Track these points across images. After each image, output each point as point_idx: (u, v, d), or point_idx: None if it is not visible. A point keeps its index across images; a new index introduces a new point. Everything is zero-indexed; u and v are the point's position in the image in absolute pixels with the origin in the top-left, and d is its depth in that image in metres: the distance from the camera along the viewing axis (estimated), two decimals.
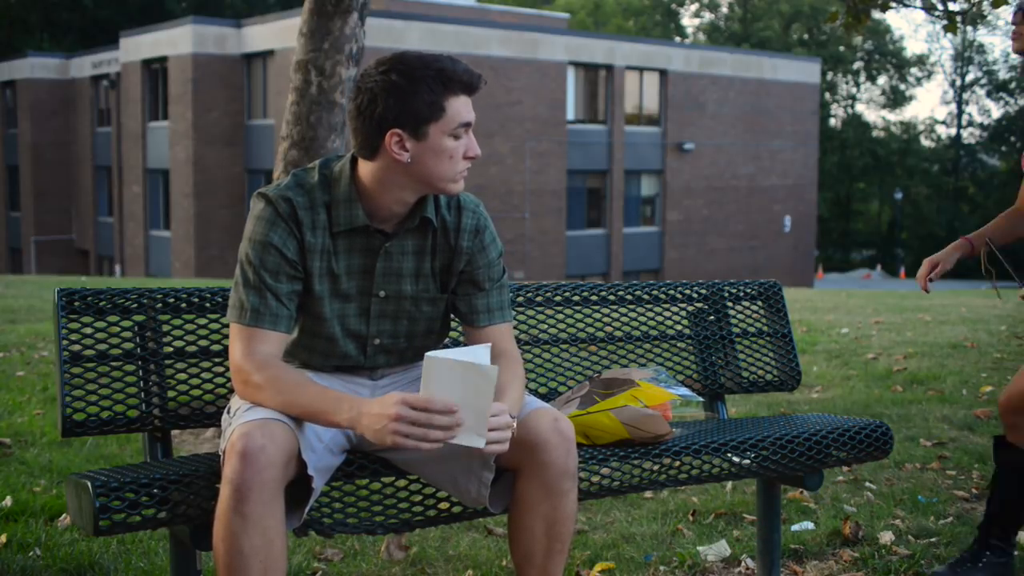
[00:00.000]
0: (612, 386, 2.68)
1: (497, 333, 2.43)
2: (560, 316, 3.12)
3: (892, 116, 59.53)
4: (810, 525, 3.55)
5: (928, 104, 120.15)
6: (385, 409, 2.01)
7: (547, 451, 2.19)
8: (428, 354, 2.02)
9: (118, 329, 2.56)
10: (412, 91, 2.15)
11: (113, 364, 2.51)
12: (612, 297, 3.19)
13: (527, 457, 2.20)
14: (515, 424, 2.14)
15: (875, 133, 56.06)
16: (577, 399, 2.68)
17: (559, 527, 2.23)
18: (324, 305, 2.30)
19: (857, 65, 57.20)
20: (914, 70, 57.95)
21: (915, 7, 8.12)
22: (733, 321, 3.28)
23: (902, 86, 57.83)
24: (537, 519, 2.22)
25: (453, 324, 2.63)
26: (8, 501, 3.57)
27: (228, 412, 2.26)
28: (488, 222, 2.43)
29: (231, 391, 2.59)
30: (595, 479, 2.56)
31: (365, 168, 2.26)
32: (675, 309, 3.25)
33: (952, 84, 55.81)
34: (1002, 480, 3.05)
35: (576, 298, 3.14)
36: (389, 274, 2.33)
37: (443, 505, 2.40)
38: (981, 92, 55.28)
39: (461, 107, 2.20)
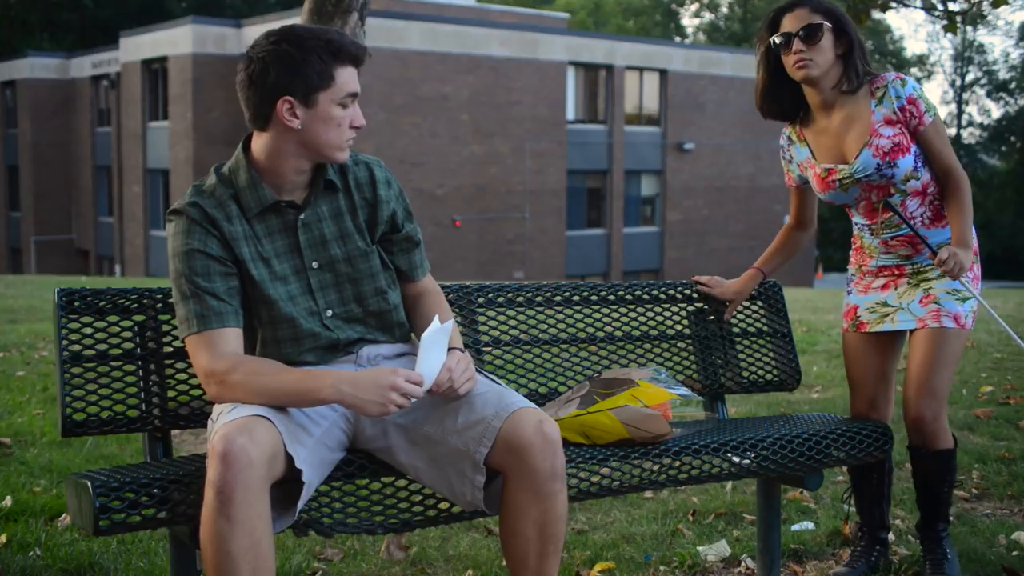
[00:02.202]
0: (612, 386, 2.68)
1: (429, 280, 2.60)
2: (560, 316, 3.12)
3: None
4: (810, 525, 3.55)
5: None
6: (382, 380, 2.14)
7: (532, 455, 2.19)
8: (426, 332, 2.24)
9: (118, 329, 2.56)
10: (303, 60, 2.24)
11: (113, 364, 2.51)
12: (612, 297, 3.19)
13: (513, 461, 2.20)
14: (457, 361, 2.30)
15: None
16: (577, 399, 2.68)
17: (551, 528, 2.23)
18: (268, 288, 2.32)
19: None
20: (914, 70, 57.96)
21: (915, 7, 8.13)
22: (733, 321, 3.28)
23: None
24: (528, 522, 2.22)
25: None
26: (8, 501, 3.57)
27: (212, 419, 2.27)
28: (392, 174, 2.54)
29: None
30: (595, 479, 2.56)
31: (258, 143, 2.33)
32: (675, 309, 3.26)
33: (952, 84, 55.82)
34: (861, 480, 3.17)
35: (576, 298, 3.14)
36: (314, 244, 2.38)
37: (443, 505, 2.40)
38: (981, 92, 55.30)
39: (349, 77, 2.30)
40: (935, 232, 2.95)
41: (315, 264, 2.38)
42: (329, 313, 2.39)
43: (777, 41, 2.96)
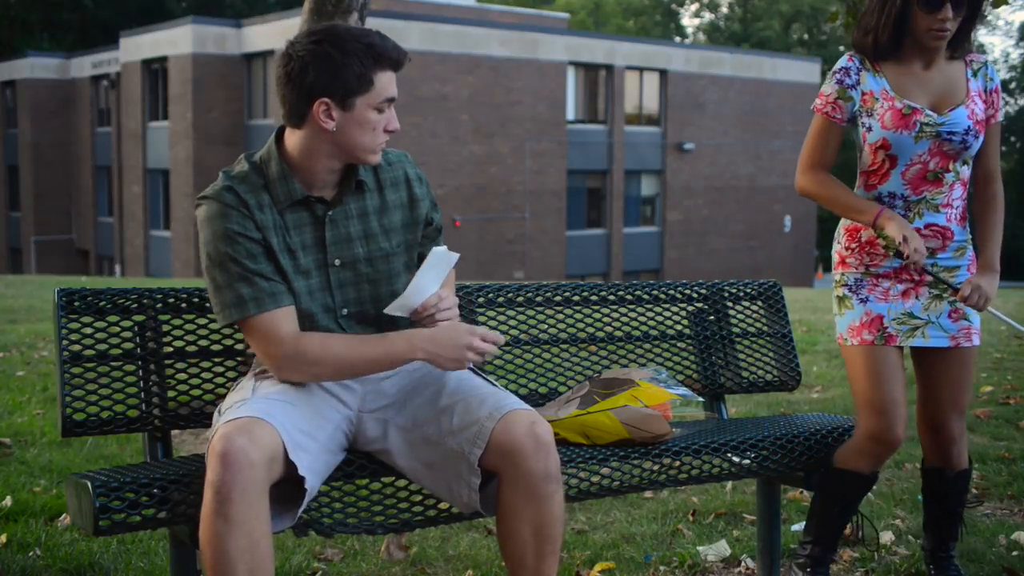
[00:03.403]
0: (612, 386, 2.68)
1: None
2: (560, 316, 3.12)
3: None
4: None
5: None
6: (460, 340, 2.25)
7: (524, 458, 2.18)
8: (435, 249, 2.34)
9: (118, 329, 2.56)
10: (343, 63, 2.23)
11: (113, 364, 2.51)
12: (612, 297, 3.19)
13: (507, 464, 2.20)
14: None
15: None
16: (577, 399, 2.68)
17: (547, 530, 2.22)
18: (291, 280, 2.32)
19: None
20: None
21: None
22: (733, 321, 3.28)
23: None
24: (524, 524, 2.21)
25: None
26: (8, 501, 3.57)
27: (218, 412, 2.26)
28: (418, 168, 2.55)
29: (230, 391, 2.59)
30: (595, 479, 2.55)
31: (292, 139, 2.33)
32: (675, 309, 3.25)
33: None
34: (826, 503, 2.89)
35: (576, 298, 3.14)
36: (339, 241, 2.37)
37: (443, 505, 2.40)
38: None
39: (388, 82, 2.29)
40: (959, 230, 2.79)
41: (337, 261, 2.37)
42: (344, 311, 2.39)
43: None
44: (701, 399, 2.94)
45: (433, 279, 2.35)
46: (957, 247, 2.79)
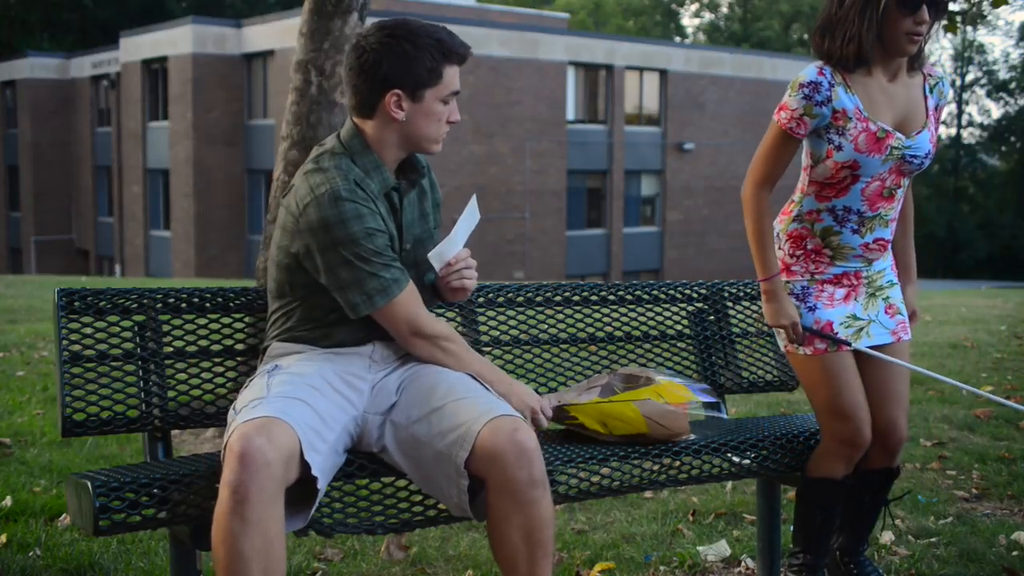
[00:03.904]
0: (632, 381, 2.70)
1: None
2: (560, 316, 3.12)
3: None
4: None
5: None
6: (532, 399, 2.47)
7: (507, 465, 2.17)
8: (471, 201, 2.50)
9: (118, 329, 2.55)
10: (416, 56, 2.35)
11: (113, 364, 2.51)
12: (612, 297, 3.19)
13: (491, 470, 2.19)
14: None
15: None
16: (598, 387, 2.69)
17: (537, 535, 2.20)
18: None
19: None
20: None
21: None
22: (733, 321, 3.28)
23: None
24: (513, 529, 2.20)
25: None
26: (8, 501, 3.57)
27: (233, 409, 2.25)
28: None
29: (231, 391, 2.59)
30: (595, 479, 2.55)
31: (366, 128, 2.42)
32: (675, 309, 3.25)
33: (952, 84, 55.74)
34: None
35: (576, 298, 3.14)
36: (408, 226, 2.48)
37: (443, 505, 2.39)
38: (981, 92, 55.31)
39: (454, 76, 2.44)
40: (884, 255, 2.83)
41: (408, 246, 2.48)
42: None
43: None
44: (720, 402, 2.87)
45: (464, 231, 2.49)
46: (887, 251, 2.84)
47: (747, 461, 2.75)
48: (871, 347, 2.76)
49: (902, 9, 2.57)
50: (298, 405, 2.19)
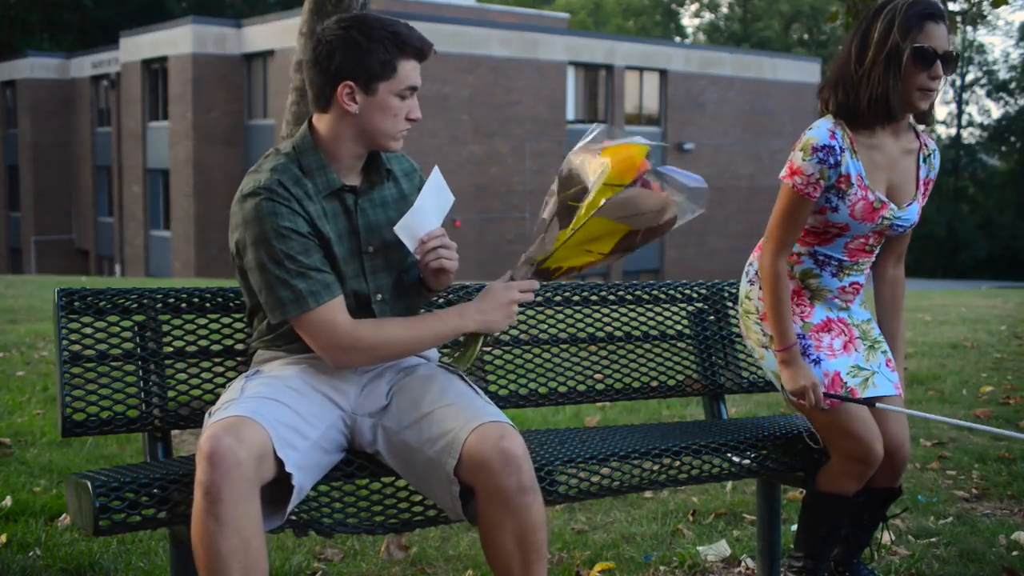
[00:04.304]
0: (574, 183, 2.41)
1: None
2: (560, 316, 3.12)
3: None
4: None
5: None
6: (503, 298, 2.44)
7: (495, 473, 2.16)
8: (435, 171, 2.42)
9: (118, 329, 2.56)
10: (369, 49, 2.31)
11: (113, 364, 2.51)
12: (612, 297, 3.19)
13: (479, 478, 2.18)
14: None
15: None
16: (554, 219, 2.44)
17: (529, 539, 2.19)
18: (341, 266, 2.36)
19: None
20: None
21: None
22: (733, 321, 3.28)
23: None
24: (505, 535, 2.19)
25: None
26: (8, 501, 3.57)
27: (208, 414, 2.26)
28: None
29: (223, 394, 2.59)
30: (595, 479, 2.55)
31: (320, 125, 2.39)
32: (675, 309, 3.25)
33: (952, 84, 55.78)
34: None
35: (576, 298, 3.14)
36: (371, 229, 2.42)
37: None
38: (981, 92, 55.31)
39: (411, 71, 2.37)
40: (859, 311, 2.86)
41: (371, 248, 2.42)
42: (379, 297, 2.43)
43: (924, 53, 2.58)
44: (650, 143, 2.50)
45: (434, 208, 2.41)
46: (861, 294, 2.85)
47: (747, 461, 2.75)
48: (875, 397, 2.74)
49: (918, 64, 2.58)
50: (271, 404, 2.19)
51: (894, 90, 2.59)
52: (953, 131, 53.40)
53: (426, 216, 2.39)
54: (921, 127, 2.82)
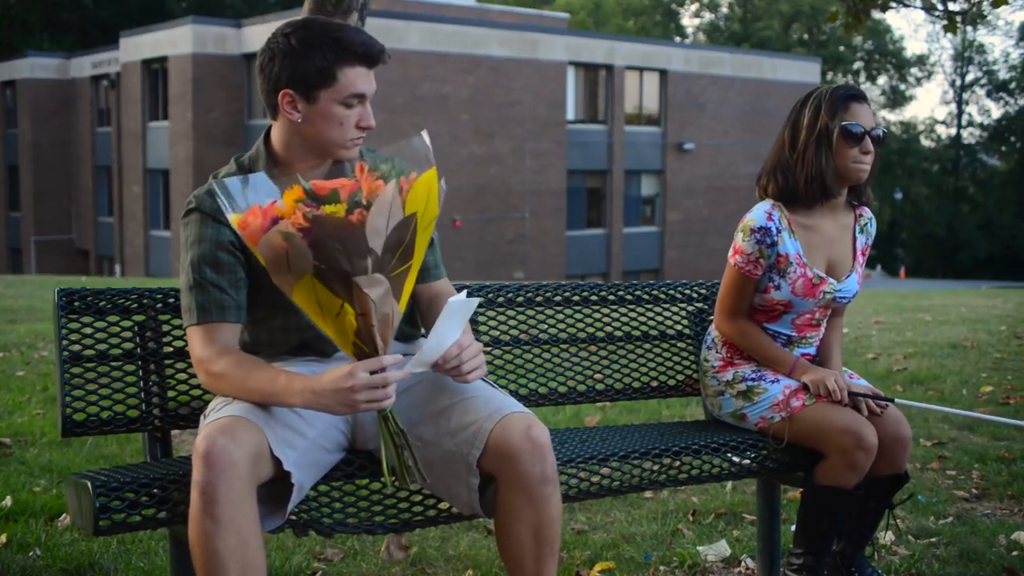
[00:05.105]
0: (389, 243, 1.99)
1: (446, 283, 2.54)
2: (560, 316, 3.12)
3: (892, 116, 59.57)
4: None
5: (928, 104, 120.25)
6: (342, 383, 2.03)
7: (521, 462, 2.17)
8: (451, 300, 2.11)
9: (118, 329, 2.56)
10: (305, 56, 2.24)
11: (113, 364, 2.51)
12: (612, 297, 3.19)
13: (503, 466, 2.19)
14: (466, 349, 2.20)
15: None
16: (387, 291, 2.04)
17: (545, 531, 2.21)
18: (263, 290, 2.28)
19: (857, 65, 57.24)
20: (914, 70, 58.01)
21: (915, 7, 8.14)
22: None
23: (902, 86, 57.89)
24: (522, 526, 2.20)
25: None
26: (8, 501, 3.57)
27: (203, 416, 2.26)
28: None
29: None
30: (595, 479, 2.55)
31: (274, 134, 2.37)
32: (675, 309, 3.26)
33: (952, 84, 55.84)
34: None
35: (576, 298, 3.14)
36: None
37: (443, 505, 2.39)
38: (981, 92, 55.35)
39: (355, 78, 2.27)
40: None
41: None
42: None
43: (852, 130, 2.77)
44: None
45: (452, 328, 2.17)
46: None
47: (747, 461, 2.76)
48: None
49: (848, 141, 2.78)
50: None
51: (828, 168, 2.78)
52: (953, 131, 53.42)
53: (442, 343, 2.16)
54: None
